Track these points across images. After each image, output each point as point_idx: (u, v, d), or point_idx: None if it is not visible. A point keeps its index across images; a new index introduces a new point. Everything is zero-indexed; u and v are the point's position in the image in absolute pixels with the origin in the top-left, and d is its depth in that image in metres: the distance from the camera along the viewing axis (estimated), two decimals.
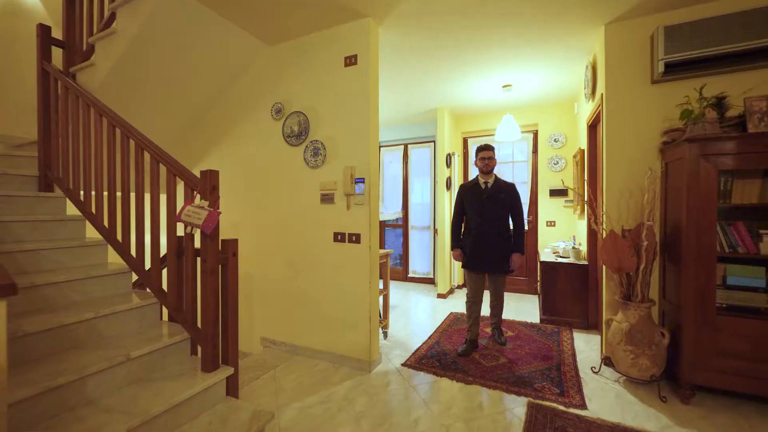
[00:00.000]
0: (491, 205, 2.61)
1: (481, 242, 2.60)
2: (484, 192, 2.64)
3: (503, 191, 2.63)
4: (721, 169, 1.92)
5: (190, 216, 1.60)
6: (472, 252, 2.63)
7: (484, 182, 2.67)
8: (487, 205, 2.61)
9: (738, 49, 2.05)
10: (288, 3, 2.21)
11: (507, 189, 2.66)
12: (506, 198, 2.63)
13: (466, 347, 2.66)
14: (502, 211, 2.63)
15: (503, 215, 2.64)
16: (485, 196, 2.62)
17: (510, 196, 2.64)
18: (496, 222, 2.60)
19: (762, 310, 1.89)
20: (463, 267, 2.72)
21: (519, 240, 2.62)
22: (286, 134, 2.67)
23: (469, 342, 2.68)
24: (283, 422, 1.80)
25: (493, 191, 2.63)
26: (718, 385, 1.91)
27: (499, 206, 2.61)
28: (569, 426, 1.77)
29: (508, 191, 2.65)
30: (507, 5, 2.23)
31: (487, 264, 2.61)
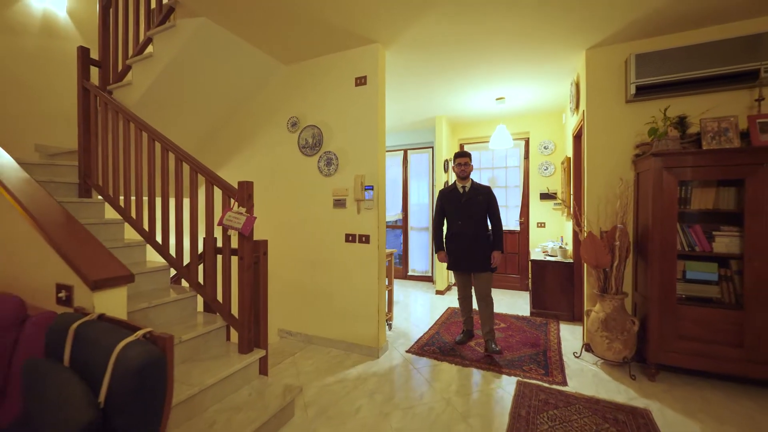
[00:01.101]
0: (470, 207, 2.74)
1: (463, 244, 2.75)
2: (462, 196, 2.78)
3: (480, 194, 2.76)
4: (680, 180, 2.25)
5: (231, 221, 1.89)
6: (455, 254, 2.79)
7: (462, 186, 2.80)
8: (466, 208, 2.75)
9: (698, 75, 2.38)
10: (305, 29, 2.50)
11: (484, 192, 2.78)
12: (483, 201, 2.75)
13: (463, 337, 2.96)
14: (480, 213, 2.75)
15: (482, 217, 2.77)
16: (464, 200, 2.76)
17: (487, 198, 2.76)
18: (475, 224, 2.74)
19: (714, 300, 2.23)
20: (449, 269, 2.91)
21: (498, 239, 2.74)
22: (301, 145, 2.96)
23: (465, 332, 2.98)
24: (308, 397, 2.09)
25: (471, 195, 2.76)
26: (679, 364, 2.23)
27: (477, 209, 2.74)
28: (551, 398, 2.08)
29: (485, 194, 2.77)
30: (498, 35, 2.54)
31: (470, 264, 2.75)
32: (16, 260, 1.41)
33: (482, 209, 2.75)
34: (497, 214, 2.79)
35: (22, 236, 1.34)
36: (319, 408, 1.98)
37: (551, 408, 1.98)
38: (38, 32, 3.12)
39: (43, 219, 1.23)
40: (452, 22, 2.38)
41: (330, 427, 1.81)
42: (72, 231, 1.26)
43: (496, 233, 2.76)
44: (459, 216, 2.78)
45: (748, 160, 2.08)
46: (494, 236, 2.76)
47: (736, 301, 2.17)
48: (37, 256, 1.30)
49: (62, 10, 3.26)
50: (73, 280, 1.17)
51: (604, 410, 1.96)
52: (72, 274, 1.16)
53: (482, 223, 2.77)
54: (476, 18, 2.33)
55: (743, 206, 2.12)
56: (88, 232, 1.36)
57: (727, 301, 2.20)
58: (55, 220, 1.25)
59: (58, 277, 1.22)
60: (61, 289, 1.20)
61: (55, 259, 1.21)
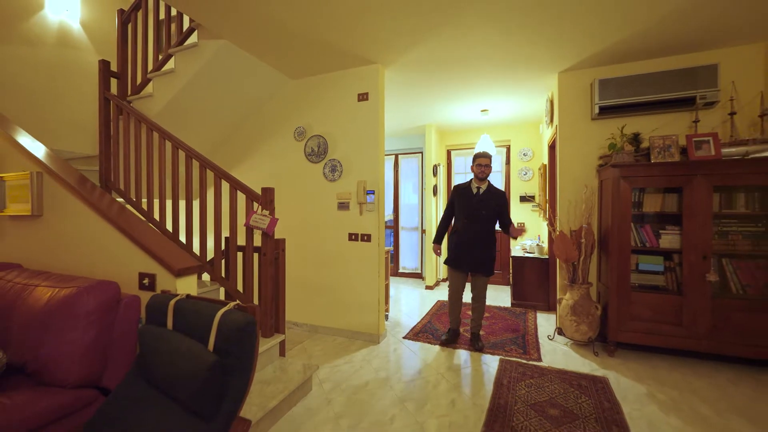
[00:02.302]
0: (480, 210, 2.74)
1: (466, 243, 2.77)
2: (475, 197, 2.78)
3: (494, 199, 2.77)
4: (634, 187, 2.69)
5: (257, 222, 2.18)
6: (456, 251, 2.81)
7: (477, 187, 2.81)
8: (476, 210, 2.75)
9: (649, 99, 2.82)
10: (314, 50, 2.80)
11: (497, 197, 2.79)
12: (496, 206, 2.76)
13: (450, 336, 2.98)
14: (490, 217, 2.75)
15: (490, 221, 2.77)
16: (476, 201, 2.77)
17: (499, 203, 2.77)
18: (482, 226, 2.75)
19: (660, 287, 2.67)
20: (446, 263, 2.93)
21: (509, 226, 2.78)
22: (307, 153, 3.26)
23: (452, 332, 3.01)
24: (321, 375, 2.40)
25: (485, 197, 2.77)
26: (633, 341, 2.66)
27: (487, 212, 2.74)
28: (528, 371, 2.47)
29: (498, 199, 2.77)
30: (483, 59, 2.92)
31: (469, 265, 2.78)
32: (105, 256, 1.65)
33: (492, 213, 2.76)
34: (508, 219, 2.83)
35: (109, 238, 1.60)
36: (332, 383, 2.30)
37: (528, 378, 2.37)
38: (54, 43, 3.29)
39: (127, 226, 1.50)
40: (444, 49, 2.74)
41: (344, 396, 2.13)
42: (148, 232, 1.52)
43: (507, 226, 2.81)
44: (467, 215, 2.78)
45: (685, 171, 2.53)
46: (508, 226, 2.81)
47: (677, 288, 2.62)
48: (121, 252, 1.57)
49: (76, 22, 3.43)
50: (156, 270, 1.44)
51: (571, 378, 2.36)
52: (154, 265, 1.44)
53: (489, 227, 2.77)
54: (465, 46, 2.69)
55: (682, 210, 2.57)
56: (158, 232, 1.64)
57: (670, 288, 2.65)
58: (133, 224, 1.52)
59: (140, 268, 1.49)
60: (145, 277, 1.47)
61: (137, 254, 1.48)
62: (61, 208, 1.73)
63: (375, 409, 2.01)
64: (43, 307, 1.20)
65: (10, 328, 1.23)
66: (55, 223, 1.75)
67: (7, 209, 1.82)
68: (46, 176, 1.75)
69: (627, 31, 2.49)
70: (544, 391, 2.19)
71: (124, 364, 1.32)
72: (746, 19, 2.34)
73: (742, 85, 2.66)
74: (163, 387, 1.07)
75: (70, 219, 1.71)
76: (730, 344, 2.43)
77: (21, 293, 1.31)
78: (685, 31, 2.49)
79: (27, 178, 1.72)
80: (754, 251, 2.48)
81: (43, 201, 1.75)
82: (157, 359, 1.09)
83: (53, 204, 1.75)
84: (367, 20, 2.35)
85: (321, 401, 2.09)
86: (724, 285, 2.56)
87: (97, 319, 1.23)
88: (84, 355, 1.18)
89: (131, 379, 1.15)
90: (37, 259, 1.75)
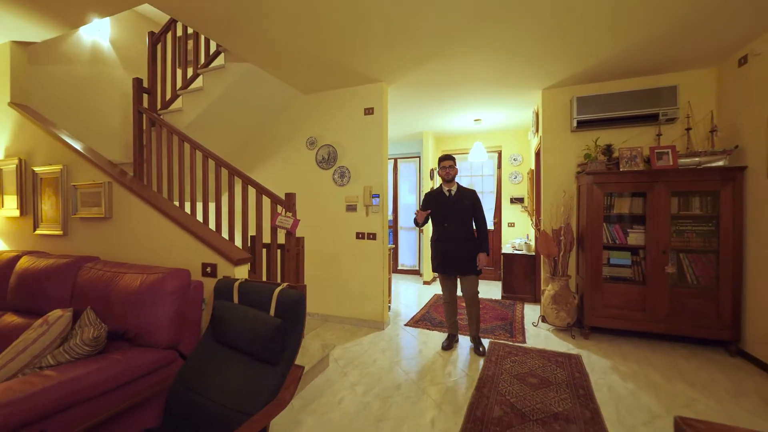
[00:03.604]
0: (456, 211, 2.79)
1: (449, 247, 2.79)
2: (449, 199, 2.83)
3: (466, 198, 2.82)
4: (606, 192, 3.10)
5: (283, 222, 2.55)
6: (441, 257, 2.83)
7: (448, 190, 2.86)
8: (452, 212, 2.80)
9: (620, 115, 3.23)
10: (325, 70, 3.16)
11: (469, 195, 2.84)
12: (469, 204, 2.81)
13: (449, 342, 2.95)
14: (466, 216, 2.81)
15: (468, 220, 2.83)
16: (451, 203, 2.82)
17: (473, 201, 2.83)
18: (461, 227, 2.79)
19: (628, 278, 3.08)
20: (434, 270, 2.93)
21: (484, 241, 2.83)
22: (319, 160, 3.63)
23: (450, 337, 2.99)
24: (336, 354, 2.78)
25: (457, 198, 2.82)
26: (605, 326, 3.07)
27: (463, 212, 2.80)
28: (513, 351, 2.87)
29: (470, 197, 2.83)
30: (477, 78, 3.31)
31: (456, 267, 2.80)
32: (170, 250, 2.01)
33: (468, 213, 2.82)
34: (483, 218, 2.86)
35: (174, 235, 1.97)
36: (346, 360, 2.68)
37: (513, 356, 2.77)
38: (87, 60, 3.62)
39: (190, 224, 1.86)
40: (440, 71, 3.13)
41: (357, 370, 2.51)
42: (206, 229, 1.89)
43: (481, 236, 2.83)
44: (445, 219, 2.83)
45: (648, 179, 2.94)
46: (480, 239, 2.83)
47: (642, 279, 3.03)
48: (184, 246, 1.93)
49: (106, 41, 3.77)
50: (216, 260, 1.80)
51: (549, 356, 2.76)
52: (215, 256, 1.80)
53: (468, 226, 2.84)
54: (458, 68, 3.08)
55: (646, 211, 2.98)
56: (211, 229, 2.01)
57: (636, 279, 3.07)
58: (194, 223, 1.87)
59: (202, 259, 1.85)
60: (207, 266, 1.83)
61: (200, 248, 1.84)
62: (129, 210, 2.08)
63: (384, 379, 2.39)
64: (137, 288, 1.55)
65: (109, 305, 1.59)
66: (123, 223, 2.10)
67: (79, 212, 2.17)
68: (115, 185, 2.11)
69: (601, 56, 2.88)
70: (526, 365, 2.59)
71: (193, 333, 1.68)
72: (699, 48, 2.75)
73: (697, 104, 3.08)
74: (234, 344, 1.44)
75: (137, 219, 2.06)
76: (685, 326, 2.85)
77: (113, 279, 1.66)
78: (650, 57, 2.89)
79: (98, 186, 2.07)
80: (705, 247, 2.90)
81: (113, 205, 2.11)
82: (230, 325, 1.46)
83: (121, 207, 2.10)
84: (374, 49, 2.73)
85: (338, 374, 2.46)
86: (681, 276, 2.98)
87: (176, 298, 1.58)
88: (168, 325, 1.54)
89: (207, 341, 1.52)
90: (111, 253, 2.11)
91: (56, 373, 1.20)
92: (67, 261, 1.85)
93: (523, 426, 1.88)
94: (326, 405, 2.07)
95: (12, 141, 2.61)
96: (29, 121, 2.53)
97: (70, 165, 2.30)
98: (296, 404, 2.06)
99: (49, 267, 1.82)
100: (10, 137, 2.61)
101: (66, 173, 2.29)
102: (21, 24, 2.42)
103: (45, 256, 1.96)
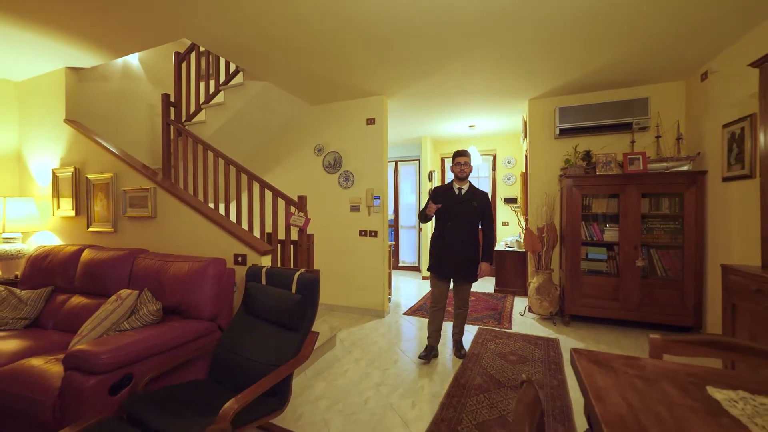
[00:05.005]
0: (463, 211, 2.60)
1: (450, 248, 2.61)
2: (457, 197, 2.63)
3: (476, 199, 2.62)
4: (584, 193, 3.45)
5: (296, 221, 2.94)
6: (439, 257, 2.65)
7: (458, 188, 2.66)
8: (459, 211, 2.61)
9: (598, 123, 3.58)
10: (331, 85, 3.54)
11: (480, 197, 2.64)
12: (479, 206, 2.62)
13: (427, 353, 2.66)
14: (473, 218, 2.62)
15: (474, 223, 2.63)
16: (458, 202, 2.62)
17: (482, 204, 2.63)
18: (465, 229, 2.60)
19: (604, 271, 3.43)
20: (429, 270, 2.75)
21: (489, 249, 2.61)
22: (325, 165, 4.02)
23: (428, 348, 2.70)
24: (341, 336, 3.17)
25: (467, 198, 2.62)
26: (583, 314, 3.42)
27: (470, 214, 2.61)
28: (499, 335, 3.23)
29: (480, 199, 2.63)
30: (471, 91, 3.68)
31: (453, 271, 2.61)
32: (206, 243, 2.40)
33: (475, 215, 2.63)
34: (491, 223, 2.66)
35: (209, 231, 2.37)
36: (351, 342, 3.07)
37: (498, 339, 3.14)
38: (119, 76, 4.05)
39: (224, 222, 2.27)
40: (435, 86, 3.51)
41: (360, 349, 2.90)
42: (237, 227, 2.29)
43: (487, 243, 2.63)
44: (450, 218, 2.62)
45: (620, 182, 3.29)
46: (485, 246, 2.63)
47: (616, 272, 3.37)
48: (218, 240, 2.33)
49: (135, 59, 4.19)
50: (246, 252, 2.20)
51: (530, 339, 3.12)
52: (244, 248, 2.20)
53: (473, 229, 2.64)
54: (452, 82, 3.44)
55: (620, 211, 3.33)
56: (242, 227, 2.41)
57: (611, 272, 3.41)
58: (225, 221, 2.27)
59: (234, 251, 2.25)
60: (239, 257, 2.23)
61: (231, 241, 2.24)
62: (171, 211, 2.50)
63: (383, 355, 2.77)
64: (186, 273, 1.95)
65: (163, 287, 1.98)
66: (165, 221, 2.51)
67: (127, 213, 2.59)
68: (159, 189, 2.52)
69: (580, 72, 3.21)
70: (508, 346, 2.96)
71: (227, 310, 2.08)
72: (667, 65, 3.08)
73: (666, 114, 3.42)
74: (263, 316, 1.83)
75: (178, 218, 2.47)
76: (653, 314, 3.19)
77: (163, 266, 2.06)
78: (624, 72, 3.23)
79: (144, 191, 2.49)
80: (672, 243, 3.24)
81: (157, 207, 2.52)
82: (260, 301, 1.85)
83: (164, 208, 2.52)
84: (376, 70, 3.11)
85: (344, 352, 2.85)
86: (652, 269, 3.32)
87: (216, 281, 1.98)
88: (210, 302, 1.94)
89: (241, 314, 1.91)
90: (156, 246, 2.51)
91: (136, 333, 1.60)
92: (125, 252, 2.26)
93: (498, 390, 2.25)
94: (334, 374, 2.46)
95: (67, 152, 3.04)
96: (82, 134, 2.96)
97: (119, 173, 2.72)
98: (309, 373, 2.46)
99: (111, 257, 2.23)
100: (65, 149, 3.04)
101: (116, 180, 2.71)
102: (76, 53, 2.84)
103: (103, 249, 2.37)
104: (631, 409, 0.73)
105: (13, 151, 3.37)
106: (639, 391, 0.80)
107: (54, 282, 2.45)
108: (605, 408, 0.73)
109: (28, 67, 3.15)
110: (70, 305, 2.26)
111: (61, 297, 2.37)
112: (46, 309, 2.33)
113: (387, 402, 2.10)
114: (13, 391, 1.51)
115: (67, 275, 2.39)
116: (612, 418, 0.70)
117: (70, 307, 2.24)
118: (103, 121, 3.89)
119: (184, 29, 2.48)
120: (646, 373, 0.91)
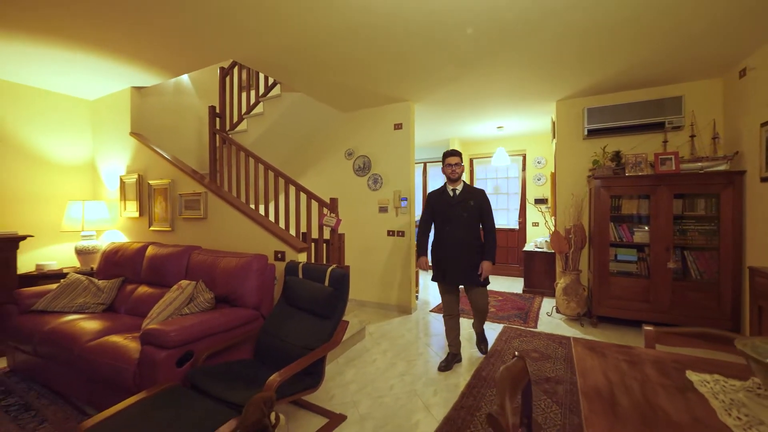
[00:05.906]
0: (461, 213, 2.51)
1: (452, 253, 2.50)
2: (453, 199, 2.55)
3: (473, 198, 2.53)
4: (612, 194, 3.42)
5: (328, 222, 3.18)
6: (442, 264, 2.54)
7: (453, 189, 2.57)
8: (456, 213, 2.51)
9: (627, 124, 3.53)
10: (361, 94, 3.77)
11: (476, 195, 2.54)
12: (476, 205, 2.51)
13: (448, 362, 2.58)
14: (472, 219, 2.51)
15: (474, 223, 2.53)
16: (454, 203, 2.53)
17: (480, 202, 2.53)
18: (466, 231, 2.50)
19: (633, 273, 3.39)
20: (434, 280, 2.63)
21: (490, 247, 2.49)
22: (355, 169, 4.25)
23: (450, 356, 2.63)
24: (370, 329, 3.38)
25: (462, 198, 2.53)
26: (611, 315, 3.40)
27: (468, 214, 2.50)
28: (523, 334, 3.30)
29: (477, 197, 2.53)
30: (497, 93, 3.76)
31: (458, 276, 2.51)
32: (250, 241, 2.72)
33: (474, 215, 2.52)
34: (491, 220, 2.55)
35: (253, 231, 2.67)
36: (379, 335, 3.27)
37: (522, 337, 3.21)
38: (172, 92, 4.51)
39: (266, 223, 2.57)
40: (462, 90, 3.62)
41: (388, 341, 3.09)
42: (277, 226, 2.57)
43: (488, 241, 2.51)
44: (448, 221, 2.54)
45: (652, 182, 3.24)
46: (486, 244, 2.52)
47: (647, 273, 3.32)
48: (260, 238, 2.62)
49: (185, 74, 4.64)
50: (285, 249, 2.48)
51: (555, 338, 3.17)
52: (283, 246, 2.47)
53: (473, 230, 2.53)
54: (482, 84, 3.52)
55: (650, 212, 3.27)
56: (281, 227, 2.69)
57: (642, 274, 3.36)
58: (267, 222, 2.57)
59: (275, 248, 2.54)
60: (278, 253, 2.51)
61: (272, 240, 2.53)
62: (220, 212, 2.84)
63: (409, 348, 2.95)
64: (234, 267, 2.25)
65: (215, 279, 2.30)
66: (215, 221, 2.86)
67: (183, 214, 2.97)
68: (209, 194, 2.87)
69: (609, 71, 3.18)
70: (531, 344, 3.03)
71: (268, 301, 2.35)
72: (703, 62, 3.00)
73: (701, 113, 3.31)
74: (300, 306, 2.07)
75: (226, 219, 2.81)
76: (684, 316, 3.12)
77: (215, 261, 2.37)
78: (657, 71, 3.18)
79: (197, 195, 2.84)
80: (708, 245, 3.15)
81: (208, 209, 2.87)
82: (298, 292, 2.09)
83: (214, 210, 2.86)
84: (402, 80, 3.29)
85: (372, 343, 3.06)
86: (686, 271, 3.24)
87: (259, 275, 2.25)
88: (255, 293, 2.22)
89: (281, 304, 2.17)
90: (207, 243, 2.87)
91: (195, 317, 1.90)
92: (182, 248, 2.61)
93: None
94: (363, 363, 2.66)
95: (132, 161, 3.49)
96: (144, 145, 3.39)
97: (176, 179, 3.10)
98: (341, 361, 2.68)
99: (171, 253, 2.59)
100: (131, 158, 3.49)
101: (173, 185, 3.09)
102: (139, 74, 3.26)
103: (163, 246, 2.74)
104: (608, 384, 0.86)
105: (88, 161, 3.89)
106: (621, 372, 0.93)
107: (124, 273, 2.85)
108: (586, 382, 0.87)
109: (100, 87, 3.63)
110: (137, 293, 2.64)
111: (131, 286, 2.76)
112: (118, 296, 2.73)
113: (411, 389, 2.28)
114: (102, 361, 1.84)
115: (135, 268, 2.78)
116: (589, 390, 0.83)
117: (138, 295, 2.62)
118: (159, 131, 4.35)
119: (231, 52, 2.79)
120: (632, 358, 1.02)
